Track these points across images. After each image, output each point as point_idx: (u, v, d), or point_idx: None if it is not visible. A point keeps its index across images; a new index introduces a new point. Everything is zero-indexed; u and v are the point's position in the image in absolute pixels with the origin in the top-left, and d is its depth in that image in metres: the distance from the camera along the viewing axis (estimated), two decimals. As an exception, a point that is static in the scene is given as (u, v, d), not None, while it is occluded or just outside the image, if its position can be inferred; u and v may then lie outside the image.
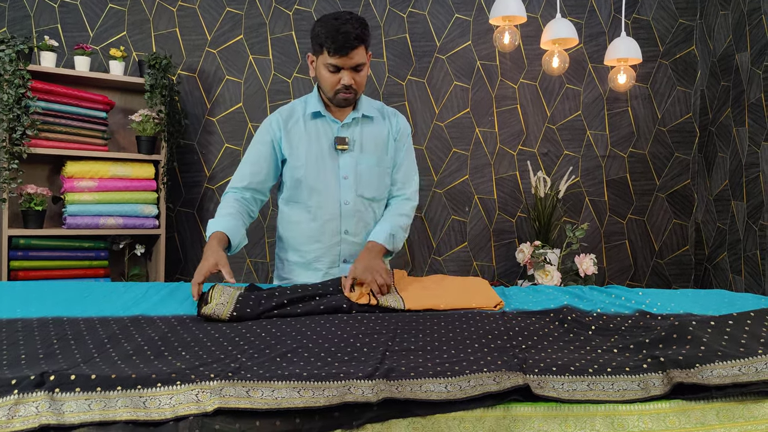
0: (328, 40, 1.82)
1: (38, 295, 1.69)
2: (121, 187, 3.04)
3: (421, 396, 1.07)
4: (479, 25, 3.64)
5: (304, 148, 1.98)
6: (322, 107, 1.99)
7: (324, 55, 1.86)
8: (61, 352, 1.22)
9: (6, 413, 0.99)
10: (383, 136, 2.04)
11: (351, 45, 1.82)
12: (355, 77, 1.89)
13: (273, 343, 1.29)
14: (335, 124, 2.00)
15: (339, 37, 1.80)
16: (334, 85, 1.90)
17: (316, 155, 1.97)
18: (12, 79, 2.73)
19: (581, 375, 1.15)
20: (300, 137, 1.98)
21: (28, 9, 3.25)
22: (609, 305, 1.64)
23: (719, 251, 3.57)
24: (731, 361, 1.16)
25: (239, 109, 3.48)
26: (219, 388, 1.04)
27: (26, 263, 2.89)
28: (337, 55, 1.83)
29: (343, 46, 1.81)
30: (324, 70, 1.89)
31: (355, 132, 2.01)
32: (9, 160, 2.76)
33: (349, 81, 1.88)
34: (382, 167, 2.04)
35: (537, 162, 3.69)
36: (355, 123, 2.01)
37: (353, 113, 2.00)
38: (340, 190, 1.98)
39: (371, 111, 2.05)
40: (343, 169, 1.98)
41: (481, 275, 3.68)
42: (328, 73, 1.89)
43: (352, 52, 1.84)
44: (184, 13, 3.43)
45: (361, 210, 2.00)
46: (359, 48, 1.85)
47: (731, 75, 3.45)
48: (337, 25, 1.81)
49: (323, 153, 1.98)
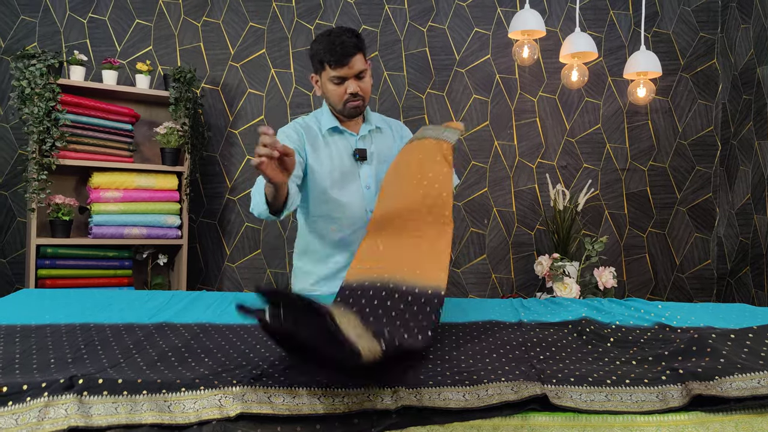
0: (327, 54, 1.89)
1: (65, 303, 1.74)
2: (146, 197, 3.10)
3: (440, 404, 1.08)
4: (498, 38, 3.66)
5: (328, 162, 2.02)
6: (337, 122, 2.05)
7: (326, 71, 1.93)
8: (89, 357, 1.25)
9: (36, 415, 1.02)
10: (392, 145, 2.12)
11: (349, 53, 1.88)
12: (360, 84, 1.95)
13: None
14: (352, 137, 2.06)
15: (337, 49, 1.87)
16: (341, 96, 1.96)
17: (340, 168, 2.03)
18: (43, 92, 2.81)
19: (599, 386, 1.16)
20: (322, 150, 2.03)
21: (59, 25, 3.35)
22: (628, 318, 1.64)
23: (741, 265, 3.52)
24: (751, 374, 1.15)
25: (261, 122, 3.54)
26: (241, 394, 1.06)
27: (53, 271, 2.96)
28: (338, 67, 1.90)
29: (342, 57, 1.88)
30: (329, 84, 1.95)
31: (371, 143, 2.08)
32: (38, 171, 2.84)
33: (355, 89, 1.94)
34: None
35: (556, 175, 3.69)
36: (369, 135, 2.09)
37: (366, 125, 2.08)
38: (364, 200, 2.03)
39: (380, 122, 2.13)
40: (365, 179, 2.05)
41: (499, 288, 3.68)
42: (333, 86, 1.95)
43: (352, 61, 1.90)
44: (208, 28, 3.50)
45: None
46: (357, 55, 1.91)
47: (753, 88, 3.42)
48: (332, 38, 1.89)
49: (345, 165, 2.03)
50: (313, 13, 3.57)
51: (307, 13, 3.57)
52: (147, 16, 3.45)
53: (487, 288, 3.68)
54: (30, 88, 2.80)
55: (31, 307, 1.67)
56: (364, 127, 2.07)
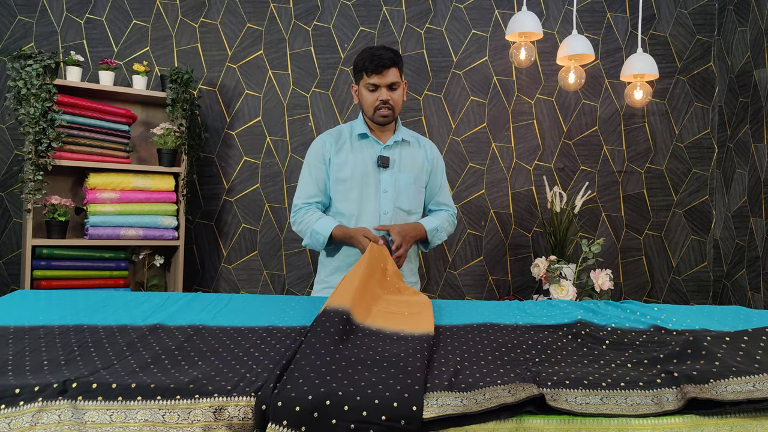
0: (365, 63, 2.16)
1: (60, 304, 1.73)
2: (142, 198, 3.10)
3: (437, 411, 1.08)
4: (496, 40, 3.66)
5: (351, 165, 2.26)
6: (367, 130, 2.29)
7: (364, 79, 2.19)
8: (82, 359, 1.25)
9: (29, 420, 1.02)
10: (420, 159, 2.35)
11: (385, 64, 2.15)
12: (391, 95, 2.20)
13: (284, 353, 1.30)
14: (378, 145, 2.29)
15: (374, 59, 2.14)
16: (373, 103, 2.20)
17: (361, 171, 2.26)
18: (39, 93, 2.80)
19: (595, 388, 1.16)
20: (347, 155, 2.27)
21: (55, 25, 3.34)
22: (624, 320, 1.64)
23: (738, 268, 3.53)
24: (746, 377, 1.15)
25: (258, 123, 3.53)
26: (235, 405, 1.06)
27: (49, 272, 2.95)
28: (374, 74, 2.16)
29: (378, 66, 2.14)
30: (365, 91, 2.21)
31: (395, 153, 2.30)
32: (34, 172, 2.83)
33: (386, 96, 2.19)
34: (418, 185, 2.33)
35: (553, 177, 3.69)
36: (395, 145, 2.31)
37: (394, 137, 2.30)
38: (380, 202, 2.26)
39: (409, 137, 2.36)
40: (384, 184, 2.26)
41: (496, 290, 3.68)
42: (368, 92, 2.20)
43: (387, 71, 2.16)
44: (205, 29, 3.50)
45: (397, 220, 2.27)
46: (393, 68, 2.17)
47: (749, 91, 3.43)
48: (372, 51, 2.17)
49: (367, 169, 2.26)
50: (310, 15, 3.57)
51: (304, 15, 3.57)
52: (144, 16, 3.45)
53: (484, 290, 3.68)
54: (26, 89, 2.79)
55: (25, 308, 1.67)
56: (392, 138, 2.30)
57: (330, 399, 1.05)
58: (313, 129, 3.55)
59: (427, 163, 2.37)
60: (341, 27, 3.58)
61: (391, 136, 2.31)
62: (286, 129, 3.55)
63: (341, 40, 3.58)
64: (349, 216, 2.26)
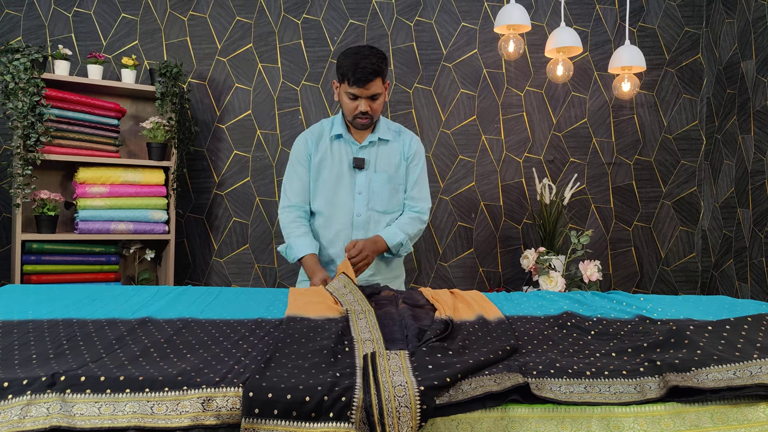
0: (348, 73, 2.10)
1: (49, 298, 1.73)
2: (132, 192, 3.09)
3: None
4: (485, 33, 3.67)
5: (328, 165, 2.27)
6: (344, 130, 2.28)
7: (345, 85, 2.15)
8: (71, 352, 1.25)
9: (18, 413, 1.03)
10: (396, 157, 2.32)
11: (367, 79, 2.10)
12: (371, 105, 2.17)
13: (273, 346, 1.32)
14: (354, 146, 2.28)
15: (358, 71, 2.08)
16: (353, 111, 2.18)
17: (337, 173, 2.26)
18: (27, 87, 2.79)
19: (579, 377, 1.17)
20: (325, 155, 2.28)
21: (43, 18, 3.32)
22: (609, 311, 1.66)
23: (725, 258, 3.56)
24: (727, 365, 1.17)
25: (248, 117, 3.53)
26: (223, 395, 1.07)
27: (39, 267, 2.94)
28: (355, 86, 2.12)
29: (360, 80, 2.09)
30: (345, 97, 2.18)
31: (371, 153, 2.29)
32: (23, 167, 2.82)
33: (366, 108, 2.16)
34: (393, 184, 2.30)
35: (543, 169, 3.71)
36: (371, 145, 2.29)
37: (370, 136, 2.28)
38: (354, 204, 2.26)
39: (387, 134, 2.32)
40: (358, 186, 2.26)
41: (486, 282, 3.70)
42: (348, 100, 2.17)
43: (369, 84, 2.12)
44: (194, 23, 3.49)
45: (371, 222, 2.27)
46: (376, 80, 2.12)
47: (737, 83, 3.45)
48: (357, 59, 2.09)
49: (342, 171, 2.26)
50: (300, 8, 3.56)
51: (294, 8, 3.56)
52: (133, 10, 3.43)
53: (475, 282, 3.70)
54: (14, 83, 2.78)
55: (14, 302, 1.67)
56: (368, 138, 2.27)
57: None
58: (303, 122, 3.55)
59: (403, 160, 2.33)
60: (331, 20, 3.57)
61: (368, 135, 2.29)
62: (276, 122, 3.55)
63: (331, 33, 3.58)
64: (324, 218, 2.28)
